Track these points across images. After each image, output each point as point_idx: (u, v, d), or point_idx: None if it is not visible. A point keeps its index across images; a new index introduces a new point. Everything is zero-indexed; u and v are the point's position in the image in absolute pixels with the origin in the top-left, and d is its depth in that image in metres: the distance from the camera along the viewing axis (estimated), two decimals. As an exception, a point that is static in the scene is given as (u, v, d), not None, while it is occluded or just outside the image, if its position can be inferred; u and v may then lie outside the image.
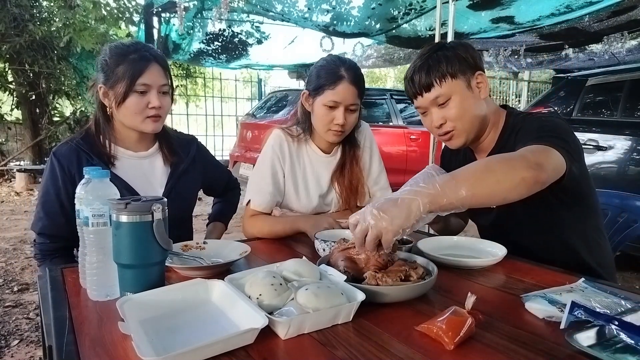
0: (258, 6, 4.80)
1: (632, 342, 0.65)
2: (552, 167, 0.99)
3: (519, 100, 11.17)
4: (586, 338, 0.68)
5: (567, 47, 6.26)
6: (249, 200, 1.48)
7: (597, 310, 0.76)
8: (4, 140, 7.57)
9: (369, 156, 1.61)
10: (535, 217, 1.23)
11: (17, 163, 7.26)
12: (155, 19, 5.41)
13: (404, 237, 1.21)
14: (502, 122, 1.29)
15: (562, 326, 0.73)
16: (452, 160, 1.49)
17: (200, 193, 1.67)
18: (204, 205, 4.80)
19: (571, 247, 1.24)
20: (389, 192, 1.62)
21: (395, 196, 0.89)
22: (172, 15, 5.31)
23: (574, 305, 0.73)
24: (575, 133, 1.17)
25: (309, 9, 4.76)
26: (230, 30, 6.06)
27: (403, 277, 0.87)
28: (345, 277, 0.86)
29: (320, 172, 1.55)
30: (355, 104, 1.43)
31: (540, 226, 1.25)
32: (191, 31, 5.73)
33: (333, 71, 1.41)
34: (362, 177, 1.56)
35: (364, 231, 0.87)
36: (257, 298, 0.77)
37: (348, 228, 1.31)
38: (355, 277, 0.89)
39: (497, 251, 1.16)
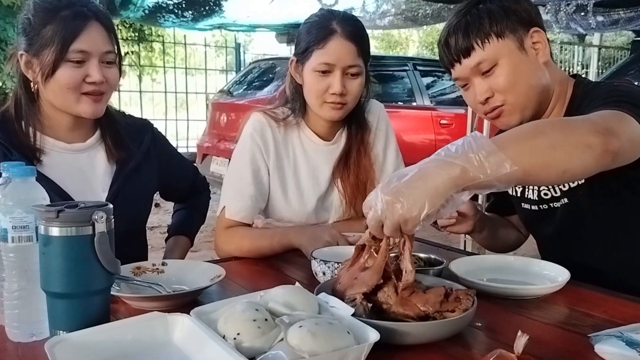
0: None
1: None
2: (628, 137, 0.98)
3: (587, 72, 11.19)
4: (676, 391, 0.68)
5: (651, 0, 6.27)
6: (224, 207, 1.48)
7: (691, 354, 0.76)
8: None
9: (383, 145, 1.61)
10: (611, 224, 1.23)
11: None
12: (96, -37, 5.41)
13: (432, 257, 1.22)
14: (570, 93, 1.30)
15: (644, 376, 0.73)
16: None
17: (158, 197, 1.67)
18: (162, 214, 4.80)
19: None
20: None
21: (413, 170, 0.87)
22: (119, -42, 5.32)
23: (660, 347, 0.73)
24: None
25: (303, -52, 4.76)
26: (198, -22, 6.07)
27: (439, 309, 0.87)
28: (352, 310, 0.86)
29: (318, 166, 1.55)
30: (356, 66, 1.43)
31: (619, 237, 1.25)
32: (145, -21, 5.73)
33: (322, 26, 1.42)
34: (372, 171, 1.57)
35: (377, 221, 0.87)
36: (235, 338, 0.77)
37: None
38: (376, 310, 0.89)
39: (556, 275, 1.16)
